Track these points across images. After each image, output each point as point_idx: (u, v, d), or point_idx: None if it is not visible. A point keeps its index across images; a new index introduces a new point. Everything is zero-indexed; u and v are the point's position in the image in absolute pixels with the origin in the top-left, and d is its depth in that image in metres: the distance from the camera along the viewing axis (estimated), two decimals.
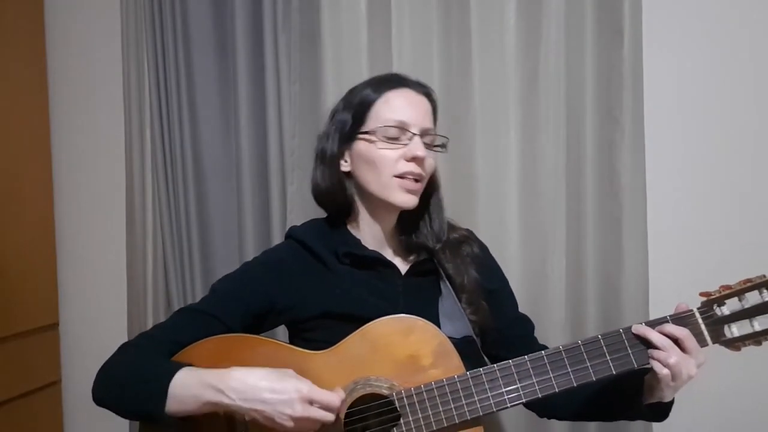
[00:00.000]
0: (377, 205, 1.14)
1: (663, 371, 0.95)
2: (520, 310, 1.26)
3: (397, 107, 1.09)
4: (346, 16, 1.61)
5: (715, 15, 1.52)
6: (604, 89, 1.52)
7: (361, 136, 1.10)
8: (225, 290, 1.12)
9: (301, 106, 1.68)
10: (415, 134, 1.08)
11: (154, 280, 1.83)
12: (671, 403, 1.03)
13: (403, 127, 1.08)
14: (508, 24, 1.54)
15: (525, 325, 1.25)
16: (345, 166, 1.13)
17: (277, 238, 1.68)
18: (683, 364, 0.95)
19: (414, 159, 1.08)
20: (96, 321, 1.98)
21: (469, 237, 1.23)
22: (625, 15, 1.48)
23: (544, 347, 1.16)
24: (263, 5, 1.66)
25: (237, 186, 1.74)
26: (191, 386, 0.94)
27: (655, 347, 0.96)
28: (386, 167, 1.08)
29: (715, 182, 1.54)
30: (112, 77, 1.87)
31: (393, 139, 1.08)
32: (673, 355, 0.95)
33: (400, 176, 1.08)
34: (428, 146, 1.11)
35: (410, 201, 1.10)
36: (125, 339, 1.80)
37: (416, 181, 1.10)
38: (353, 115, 1.12)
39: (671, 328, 0.97)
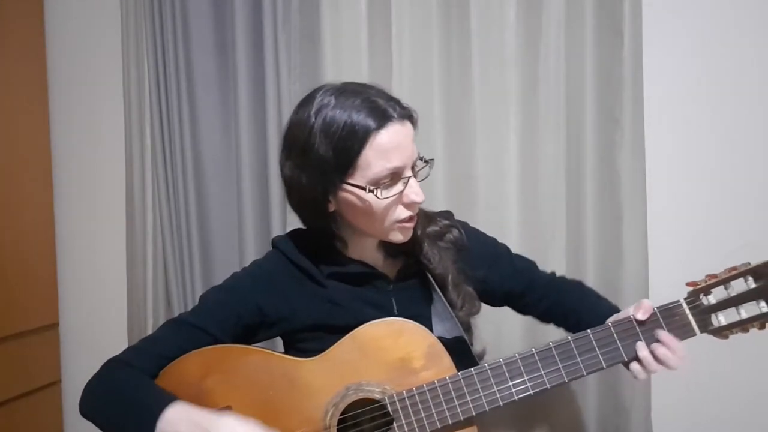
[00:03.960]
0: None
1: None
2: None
3: (388, 152, 0.97)
4: (346, 16, 1.61)
5: (716, 15, 1.51)
6: (604, 89, 1.52)
7: (349, 186, 1.00)
8: (214, 301, 1.10)
9: None
10: (410, 177, 1.01)
11: (154, 280, 1.83)
12: None
13: (396, 173, 1.00)
14: (508, 24, 1.54)
15: (530, 271, 1.24)
16: (329, 207, 1.05)
17: None
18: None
19: (412, 204, 1.02)
20: (96, 321, 1.98)
21: (451, 225, 1.18)
22: (625, 15, 1.48)
23: (560, 278, 1.26)
24: (263, 5, 1.66)
25: (237, 186, 1.74)
26: (179, 424, 0.95)
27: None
28: (386, 217, 1.02)
29: (715, 182, 1.54)
30: (112, 77, 1.87)
31: (387, 187, 1.00)
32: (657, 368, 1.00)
33: (400, 221, 1.03)
34: (417, 173, 1.04)
35: (408, 236, 1.06)
36: (125, 339, 1.84)
37: (414, 217, 1.04)
38: (337, 158, 0.98)
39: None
